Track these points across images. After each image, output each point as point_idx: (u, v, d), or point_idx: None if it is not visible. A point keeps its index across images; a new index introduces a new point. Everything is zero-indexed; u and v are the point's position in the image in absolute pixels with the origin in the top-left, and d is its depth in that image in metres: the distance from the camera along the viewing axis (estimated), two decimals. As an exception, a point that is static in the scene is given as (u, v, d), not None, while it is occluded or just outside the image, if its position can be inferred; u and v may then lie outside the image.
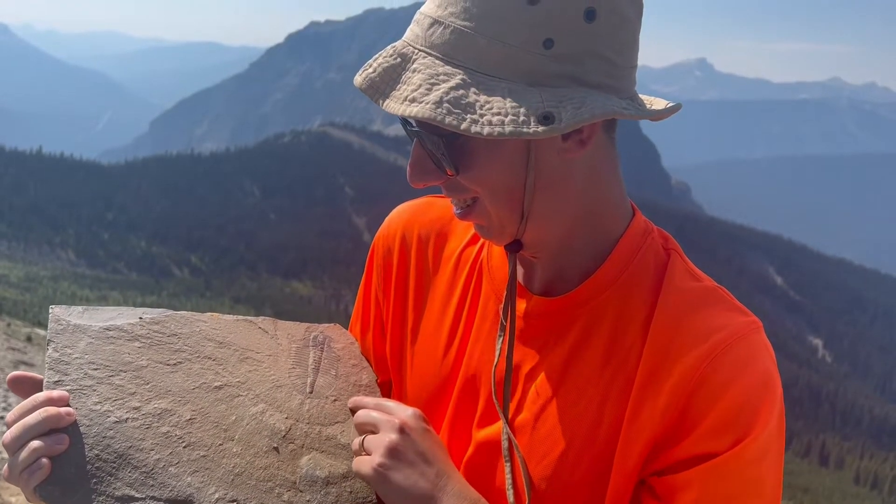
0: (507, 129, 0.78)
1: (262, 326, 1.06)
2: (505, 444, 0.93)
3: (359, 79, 0.86)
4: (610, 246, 0.95)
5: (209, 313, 1.04)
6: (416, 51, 0.84)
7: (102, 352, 0.93)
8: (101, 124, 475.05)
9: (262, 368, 1.01)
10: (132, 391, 0.91)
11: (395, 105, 0.82)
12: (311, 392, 1.01)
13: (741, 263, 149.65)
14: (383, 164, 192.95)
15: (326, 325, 1.12)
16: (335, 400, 1.02)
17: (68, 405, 0.88)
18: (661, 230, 0.99)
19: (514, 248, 0.94)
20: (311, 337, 1.08)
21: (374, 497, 0.97)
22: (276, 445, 0.94)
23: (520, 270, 1.01)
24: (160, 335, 0.97)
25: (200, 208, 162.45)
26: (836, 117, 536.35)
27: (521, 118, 0.78)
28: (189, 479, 0.88)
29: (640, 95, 0.92)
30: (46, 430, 0.85)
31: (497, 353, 0.96)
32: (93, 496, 0.84)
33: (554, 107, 0.79)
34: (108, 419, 0.88)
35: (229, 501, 0.88)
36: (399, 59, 0.84)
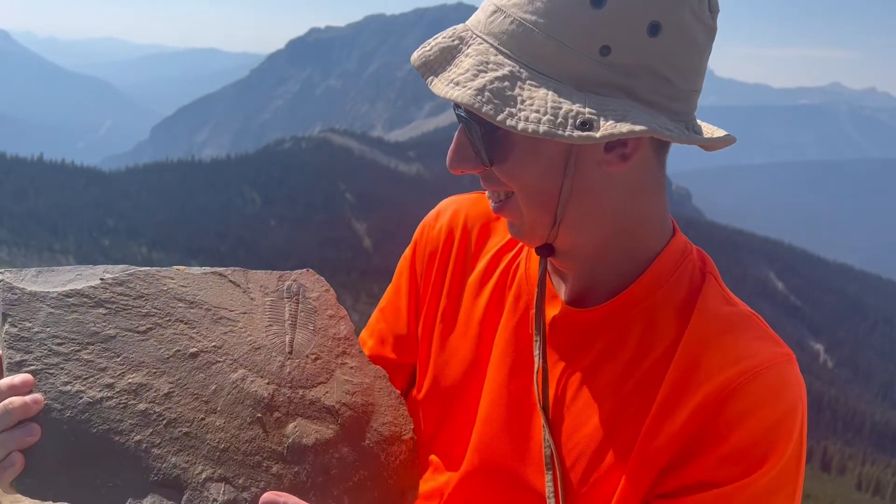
0: (542, 128, 0.77)
1: (232, 279, 1.00)
2: (547, 453, 0.92)
3: (415, 55, 0.86)
4: (644, 264, 0.93)
5: (174, 267, 0.96)
6: (475, 36, 0.84)
7: (65, 323, 0.85)
8: (103, 131, 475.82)
9: (238, 329, 0.95)
10: (103, 366, 0.84)
11: (440, 86, 0.82)
12: (290, 352, 0.97)
13: (742, 269, 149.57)
14: (384, 169, 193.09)
15: (299, 271, 1.07)
16: (316, 359, 0.99)
17: (34, 390, 0.81)
18: (700, 251, 0.97)
19: (545, 251, 0.93)
20: (285, 287, 1.03)
21: (362, 462, 0.95)
22: (259, 415, 0.90)
23: (554, 277, 1.00)
24: (126, 298, 0.90)
25: (201, 215, 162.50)
26: (836, 122, 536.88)
27: (559, 120, 0.77)
28: (174, 459, 0.83)
29: (700, 122, 0.89)
30: (14, 422, 0.80)
31: (537, 360, 0.94)
32: (74, 486, 0.79)
33: (595, 115, 0.77)
34: (81, 400, 0.82)
35: (218, 480, 0.85)
36: (457, 42, 0.84)
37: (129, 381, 0.85)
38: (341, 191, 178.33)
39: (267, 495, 0.86)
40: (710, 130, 0.89)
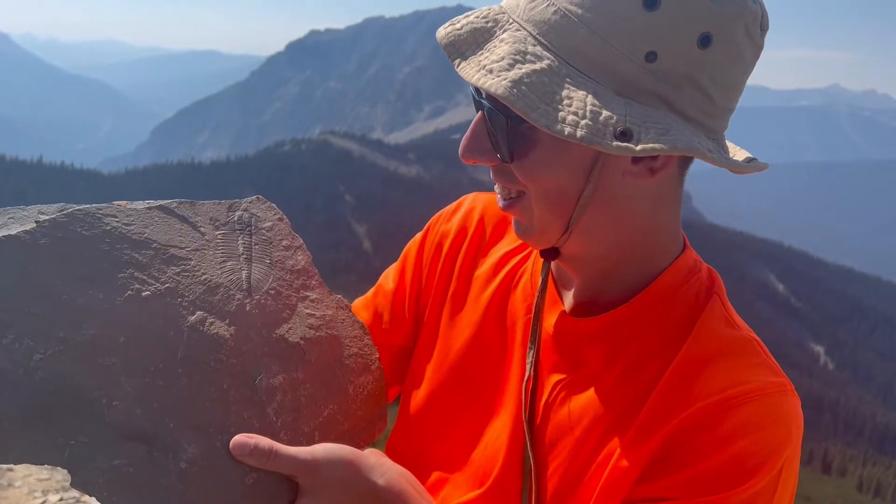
0: (580, 132, 0.72)
1: (179, 213, 0.92)
2: (526, 467, 0.91)
3: (442, 32, 0.81)
4: (650, 279, 0.90)
5: (115, 203, 0.88)
6: (512, 21, 0.79)
7: (5, 274, 0.77)
8: (103, 133, 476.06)
9: (191, 267, 0.88)
10: (52, 319, 0.77)
11: (470, 71, 0.77)
12: (248, 289, 0.91)
13: (742, 271, 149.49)
14: (383, 172, 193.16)
15: (248, 199, 0.99)
16: (276, 294, 0.93)
17: None
18: (711, 270, 0.94)
19: (550, 255, 0.91)
20: (236, 218, 0.96)
21: (331, 397, 0.94)
22: (223, 358, 0.85)
23: (559, 286, 0.98)
24: (68, 242, 0.81)
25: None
26: (836, 124, 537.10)
27: (599, 126, 0.73)
28: (139, 411, 0.78)
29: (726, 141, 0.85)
30: None
31: (529, 368, 0.93)
32: (34, 448, 0.74)
33: (636, 125, 0.73)
34: (32, 358, 0.75)
35: (188, 429, 0.81)
36: (490, 24, 0.79)
37: (82, 332, 0.78)
38: (341, 193, 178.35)
39: (238, 438, 0.82)
40: (733, 150, 0.86)
